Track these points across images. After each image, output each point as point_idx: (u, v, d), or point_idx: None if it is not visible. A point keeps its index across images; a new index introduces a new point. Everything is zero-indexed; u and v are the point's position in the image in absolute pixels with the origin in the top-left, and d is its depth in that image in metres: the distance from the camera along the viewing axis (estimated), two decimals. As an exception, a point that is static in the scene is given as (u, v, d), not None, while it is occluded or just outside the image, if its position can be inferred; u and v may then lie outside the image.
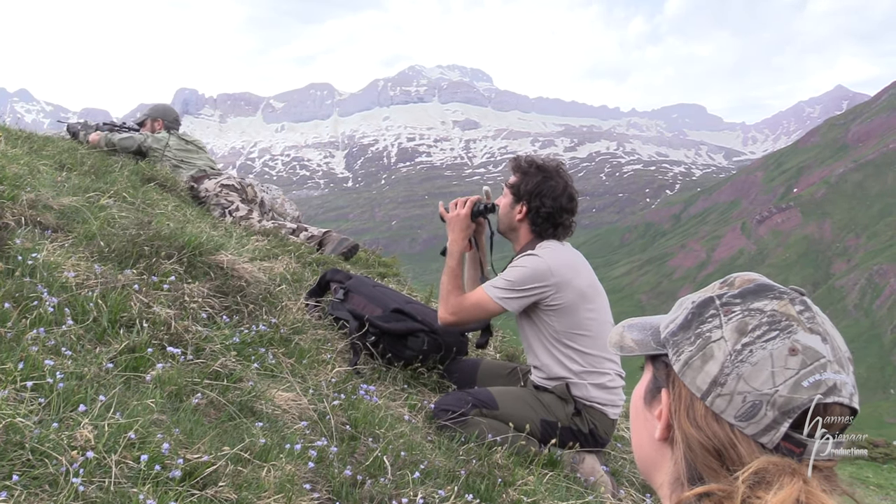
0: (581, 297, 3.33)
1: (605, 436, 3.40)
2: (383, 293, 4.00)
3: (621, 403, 3.45)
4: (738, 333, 0.90)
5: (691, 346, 0.93)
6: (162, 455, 1.97)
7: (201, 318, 3.07)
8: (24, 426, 1.85)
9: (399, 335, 3.70)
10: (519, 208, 3.42)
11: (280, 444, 2.37)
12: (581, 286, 3.34)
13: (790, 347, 0.87)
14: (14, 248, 2.92)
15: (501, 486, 2.73)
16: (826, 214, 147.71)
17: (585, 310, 3.33)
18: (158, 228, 3.58)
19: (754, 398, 0.87)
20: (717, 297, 0.95)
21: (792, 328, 0.88)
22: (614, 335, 1.08)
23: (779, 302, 0.91)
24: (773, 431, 0.86)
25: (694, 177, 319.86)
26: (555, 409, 3.33)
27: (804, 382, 0.86)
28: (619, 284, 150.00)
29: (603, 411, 3.36)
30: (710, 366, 0.90)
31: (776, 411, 0.86)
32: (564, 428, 3.31)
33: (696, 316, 0.95)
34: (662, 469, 0.99)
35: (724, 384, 0.88)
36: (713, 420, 0.89)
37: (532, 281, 3.28)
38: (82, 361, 2.37)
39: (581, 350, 3.33)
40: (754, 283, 0.95)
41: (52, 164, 4.94)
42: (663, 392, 0.97)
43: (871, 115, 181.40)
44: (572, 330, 3.32)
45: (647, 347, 1.02)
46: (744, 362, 0.88)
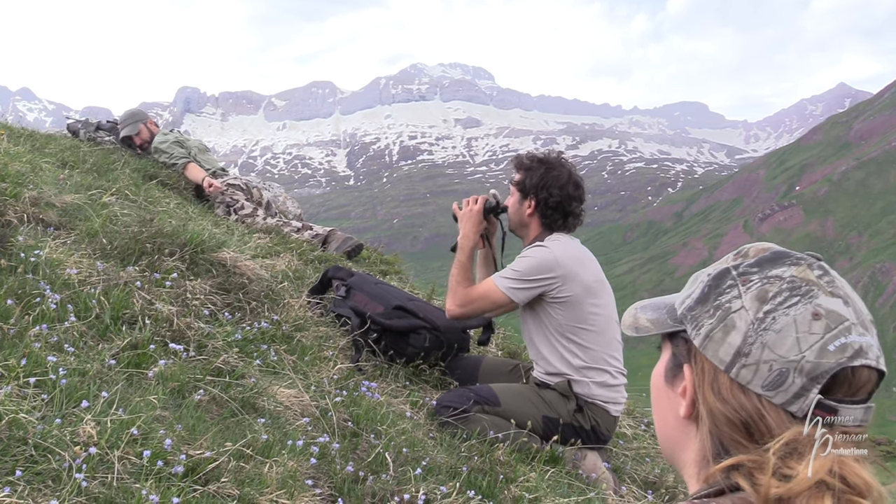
0: (586, 292, 3.34)
1: (607, 433, 3.41)
2: (385, 290, 4.01)
3: (623, 401, 3.46)
4: (758, 301, 0.88)
5: (711, 318, 0.92)
6: (164, 451, 1.98)
7: (203, 314, 3.07)
8: (27, 422, 1.86)
9: (401, 332, 3.70)
10: (528, 203, 3.45)
11: (282, 440, 2.37)
12: (587, 280, 3.36)
13: (813, 312, 0.86)
14: (17, 246, 2.93)
15: (503, 483, 2.73)
16: (828, 212, 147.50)
17: (590, 304, 3.34)
18: (160, 226, 3.58)
19: (781, 366, 0.85)
20: (734, 267, 0.94)
21: (813, 293, 0.87)
22: (628, 317, 1.06)
23: (797, 268, 0.90)
24: (803, 399, 0.84)
25: (696, 175, 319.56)
26: (557, 405, 3.34)
27: (830, 346, 0.84)
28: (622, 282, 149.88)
29: (605, 408, 3.36)
30: (732, 336, 0.89)
31: (804, 378, 0.84)
32: (566, 424, 3.32)
33: (713, 288, 0.94)
34: (688, 448, 0.97)
35: (749, 354, 0.87)
36: (739, 392, 0.88)
37: (539, 272, 3.29)
38: (85, 358, 2.38)
39: (584, 345, 3.34)
40: (770, 251, 0.94)
41: (54, 161, 4.95)
42: (685, 368, 0.96)
43: (873, 112, 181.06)
44: (576, 324, 3.33)
45: (663, 325, 1.00)
46: (767, 330, 0.86)
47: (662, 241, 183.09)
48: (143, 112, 6.92)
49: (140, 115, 6.83)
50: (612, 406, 3.39)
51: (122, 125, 6.70)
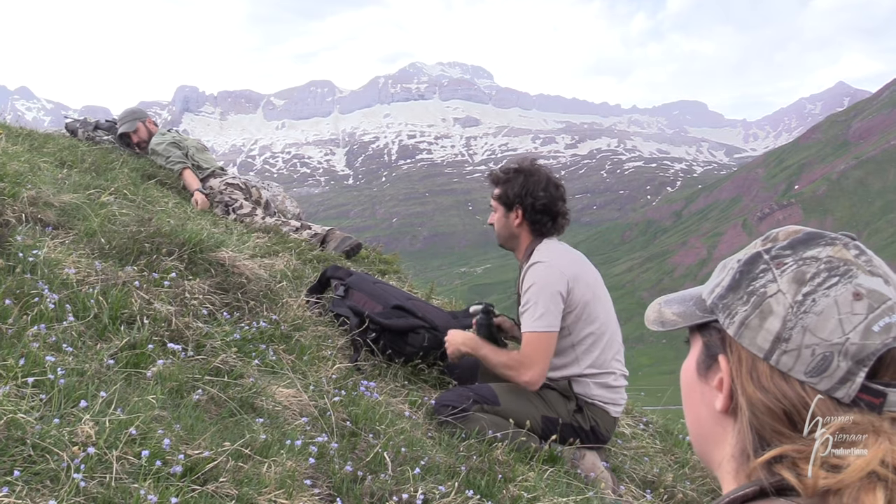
0: (590, 292, 3.37)
1: (607, 433, 3.41)
2: (384, 290, 4.01)
3: (623, 402, 3.46)
4: (796, 284, 0.84)
5: (745, 305, 0.88)
6: (163, 451, 1.98)
7: (202, 314, 3.07)
8: (25, 422, 1.86)
9: (400, 332, 3.70)
10: (514, 214, 3.45)
11: (281, 440, 2.37)
12: (589, 281, 3.40)
13: (854, 292, 0.82)
14: (15, 245, 2.93)
15: (502, 482, 2.73)
16: (827, 211, 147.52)
17: (593, 305, 3.35)
18: (159, 225, 3.58)
19: (824, 350, 0.81)
20: (765, 251, 0.90)
21: (852, 272, 0.83)
22: (651, 312, 1.02)
23: (833, 248, 0.86)
24: (849, 383, 0.80)
25: (695, 174, 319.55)
26: (556, 405, 3.34)
27: (875, 327, 0.80)
28: (621, 282, 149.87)
29: (605, 409, 3.37)
30: (770, 322, 0.84)
31: (850, 361, 0.80)
32: (565, 424, 3.32)
33: (744, 274, 0.90)
34: (723, 444, 0.92)
35: (789, 339, 0.83)
36: (781, 379, 0.84)
37: (555, 292, 3.27)
38: (83, 358, 2.38)
39: (586, 347, 3.35)
40: (802, 232, 0.90)
41: (52, 161, 4.95)
42: (721, 359, 0.91)
43: (872, 111, 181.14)
44: (579, 326, 3.33)
45: (692, 317, 0.96)
46: (808, 313, 0.82)
47: (661, 240, 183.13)
48: (143, 111, 6.88)
49: (139, 113, 6.80)
50: (611, 407, 3.39)
51: (121, 123, 6.67)
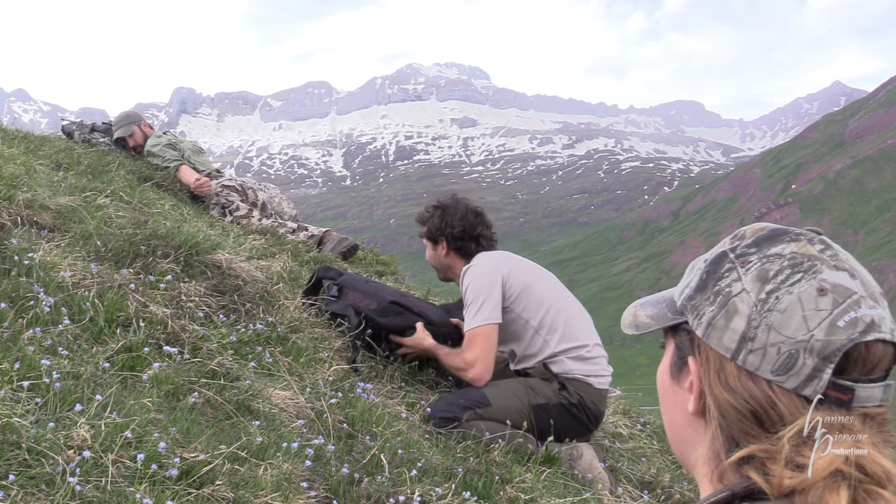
0: (529, 280, 3.56)
1: (595, 406, 3.44)
2: (376, 287, 4.04)
3: (606, 374, 3.52)
4: (759, 282, 0.83)
5: (711, 305, 0.87)
6: (159, 454, 1.97)
7: (198, 317, 3.07)
8: (20, 426, 1.85)
9: (398, 331, 3.72)
10: (440, 247, 3.78)
11: (277, 442, 2.37)
12: (522, 270, 3.61)
13: (818, 287, 0.81)
14: (10, 248, 2.92)
15: (499, 484, 2.73)
16: (824, 211, 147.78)
17: (538, 289, 3.55)
18: (155, 228, 3.58)
19: (790, 347, 0.80)
20: (731, 249, 0.89)
21: (816, 268, 0.82)
22: (627, 316, 1.01)
23: (797, 243, 0.85)
24: (816, 380, 0.79)
25: (692, 174, 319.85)
26: (541, 389, 3.40)
27: (840, 322, 0.79)
28: (618, 281, 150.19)
29: (587, 381, 3.42)
30: (735, 322, 0.84)
31: (815, 357, 0.79)
32: (554, 405, 3.37)
33: (710, 274, 0.89)
34: (698, 447, 0.92)
35: (755, 338, 0.82)
36: (748, 379, 0.83)
37: (488, 284, 3.49)
38: (79, 361, 2.37)
39: (548, 328, 3.46)
40: (767, 229, 0.89)
41: (48, 163, 4.94)
42: (690, 361, 0.90)
43: (869, 111, 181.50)
44: (532, 310, 3.49)
45: (664, 319, 0.95)
46: (772, 311, 0.81)
47: (659, 239, 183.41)
48: (137, 114, 6.90)
49: (134, 116, 6.81)
50: (593, 379, 3.45)
51: (116, 127, 6.69)
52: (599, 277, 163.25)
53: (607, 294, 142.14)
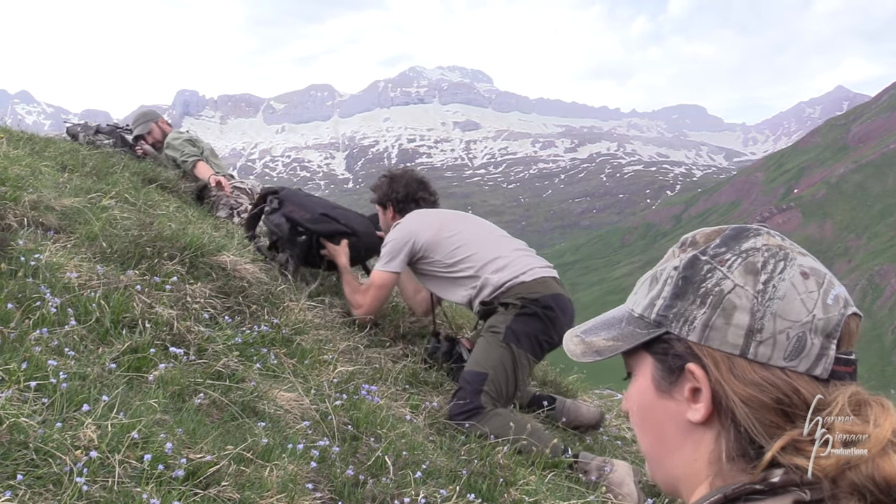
0: (438, 230, 3.87)
1: (537, 293, 3.60)
2: (312, 201, 4.42)
3: (534, 266, 3.75)
4: (752, 275, 0.85)
5: (702, 307, 0.86)
6: (165, 455, 1.98)
7: (203, 318, 3.07)
8: (27, 426, 1.86)
9: (326, 235, 4.18)
10: (389, 211, 4.20)
11: (282, 443, 2.38)
12: (434, 223, 3.92)
13: (801, 272, 0.84)
14: (17, 249, 2.93)
15: (503, 486, 2.73)
16: (827, 215, 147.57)
17: (447, 233, 3.86)
18: (160, 229, 3.58)
19: (798, 331, 0.82)
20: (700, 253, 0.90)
21: (790, 255, 0.86)
22: (574, 347, 0.98)
23: (762, 237, 0.88)
24: (825, 358, 0.83)
25: (694, 177, 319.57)
26: (496, 322, 3.59)
27: (828, 300, 0.83)
28: (621, 285, 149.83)
29: (515, 282, 3.64)
30: (737, 317, 0.84)
31: (821, 336, 0.82)
32: (512, 322, 3.55)
33: (688, 279, 0.89)
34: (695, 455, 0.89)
35: (762, 329, 0.83)
36: (763, 370, 0.83)
37: (397, 243, 3.88)
38: (85, 362, 2.38)
39: (464, 261, 3.77)
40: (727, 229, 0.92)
41: (53, 165, 4.95)
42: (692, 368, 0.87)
43: (871, 115, 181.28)
44: (448, 253, 3.82)
45: (635, 337, 0.92)
46: (773, 299, 0.83)
47: (661, 243, 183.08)
48: (155, 111, 6.97)
49: (151, 114, 6.87)
50: (522, 276, 3.65)
51: (135, 125, 6.76)
52: (601, 281, 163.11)
53: (609, 298, 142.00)
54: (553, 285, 3.70)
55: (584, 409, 3.96)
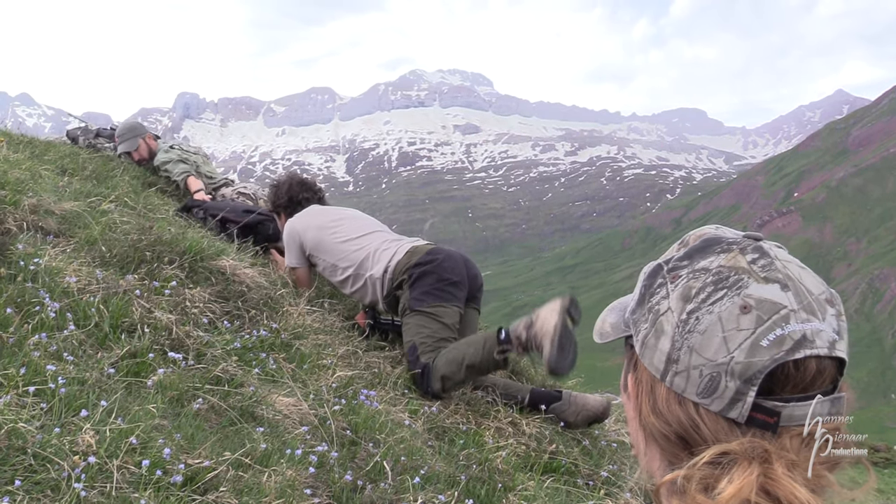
0: (321, 230, 4.24)
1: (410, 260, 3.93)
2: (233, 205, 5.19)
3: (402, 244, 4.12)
4: (682, 301, 0.80)
5: (646, 322, 0.84)
6: (163, 460, 1.97)
7: (202, 323, 3.07)
8: (26, 431, 1.86)
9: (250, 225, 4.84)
10: (282, 218, 4.64)
11: (281, 449, 2.37)
12: (317, 223, 4.28)
13: (741, 305, 0.76)
14: (16, 254, 2.93)
15: (502, 492, 2.73)
16: (826, 219, 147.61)
17: (331, 234, 4.21)
18: (160, 234, 3.58)
19: (711, 370, 0.77)
20: (665, 262, 0.86)
21: (742, 282, 0.78)
22: (598, 322, 0.98)
23: (726, 255, 0.81)
24: (740, 403, 0.76)
25: (694, 181, 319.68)
26: (402, 301, 3.90)
27: (763, 342, 0.75)
28: (621, 288, 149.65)
29: (392, 263, 3.98)
30: (662, 342, 0.81)
31: (737, 380, 0.75)
32: (410, 293, 3.85)
33: (647, 288, 0.86)
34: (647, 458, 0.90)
35: (678, 360, 0.79)
36: (675, 402, 0.80)
37: (288, 241, 4.35)
38: (84, 366, 2.38)
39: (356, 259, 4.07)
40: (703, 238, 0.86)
41: (53, 168, 4.95)
42: (629, 378, 0.89)
43: (871, 119, 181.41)
44: (332, 252, 4.15)
45: (619, 330, 0.92)
46: (692, 332, 0.78)
47: (661, 247, 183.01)
48: (141, 126, 6.65)
49: (138, 129, 6.58)
50: (400, 250, 4.00)
51: (120, 140, 6.49)
52: (601, 285, 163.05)
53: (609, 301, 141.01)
54: (423, 247, 4.02)
55: (591, 399, 3.99)
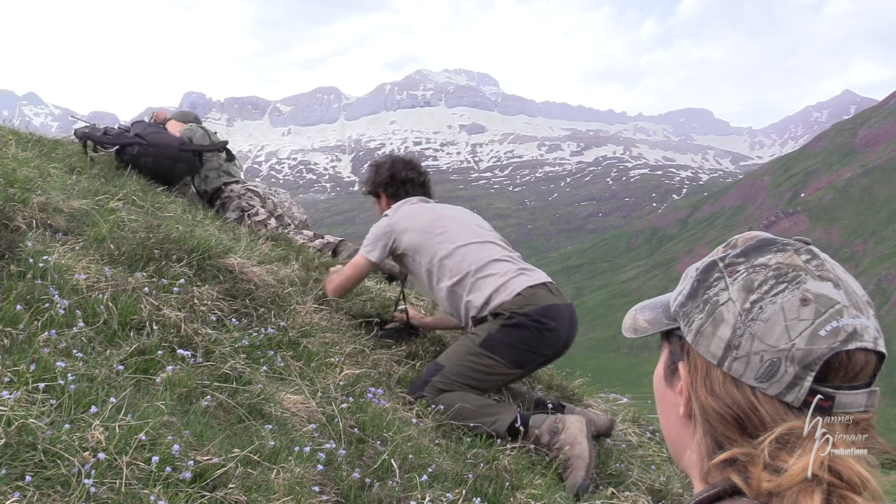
0: (424, 234, 3.85)
1: (528, 306, 3.53)
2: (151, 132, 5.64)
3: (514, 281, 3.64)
4: (745, 292, 0.87)
5: (701, 313, 0.90)
6: (172, 457, 1.98)
7: (211, 320, 3.08)
8: (36, 427, 1.87)
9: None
10: (383, 199, 4.20)
11: (289, 446, 2.38)
12: (420, 225, 3.89)
13: (801, 297, 0.84)
14: (25, 251, 2.94)
15: (509, 490, 2.73)
16: (833, 219, 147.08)
17: (435, 240, 3.82)
18: (168, 231, 3.60)
19: (772, 356, 0.83)
20: (720, 259, 0.93)
21: (800, 278, 0.85)
22: (627, 319, 1.05)
23: (783, 254, 0.88)
24: (797, 388, 0.83)
25: (701, 181, 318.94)
26: (482, 328, 3.58)
27: (821, 332, 0.82)
28: (627, 289, 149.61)
29: (503, 299, 3.57)
30: (721, 330, 0.87)
31: (796, 366, 0.82)
32: (497, 331, 3.51)
33: (701, 282, 0.93)
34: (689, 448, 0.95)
35: (739, 346, 0.85)
36: (732, 386, 0.86)
37: (378, 236, 3.96)
38: (93, 363, 2.39)
39: (456, 273, 3.72)
40: (756, 239, 0.93)
41: (62, 167, 4.97)
42: (680, 366, 0.94)
43: (879, 119, 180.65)
44: (435, 260, 3.79)
45: (659, 325, 0.99)
46: (755, 320, 0.85)
47: (667, 247, 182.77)
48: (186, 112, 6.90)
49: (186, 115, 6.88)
50: (510, 290, 3.58)
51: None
52: (607, 285, 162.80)
53: (615, 301, 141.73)
54: (544, 295, 3.60)
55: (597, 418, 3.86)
